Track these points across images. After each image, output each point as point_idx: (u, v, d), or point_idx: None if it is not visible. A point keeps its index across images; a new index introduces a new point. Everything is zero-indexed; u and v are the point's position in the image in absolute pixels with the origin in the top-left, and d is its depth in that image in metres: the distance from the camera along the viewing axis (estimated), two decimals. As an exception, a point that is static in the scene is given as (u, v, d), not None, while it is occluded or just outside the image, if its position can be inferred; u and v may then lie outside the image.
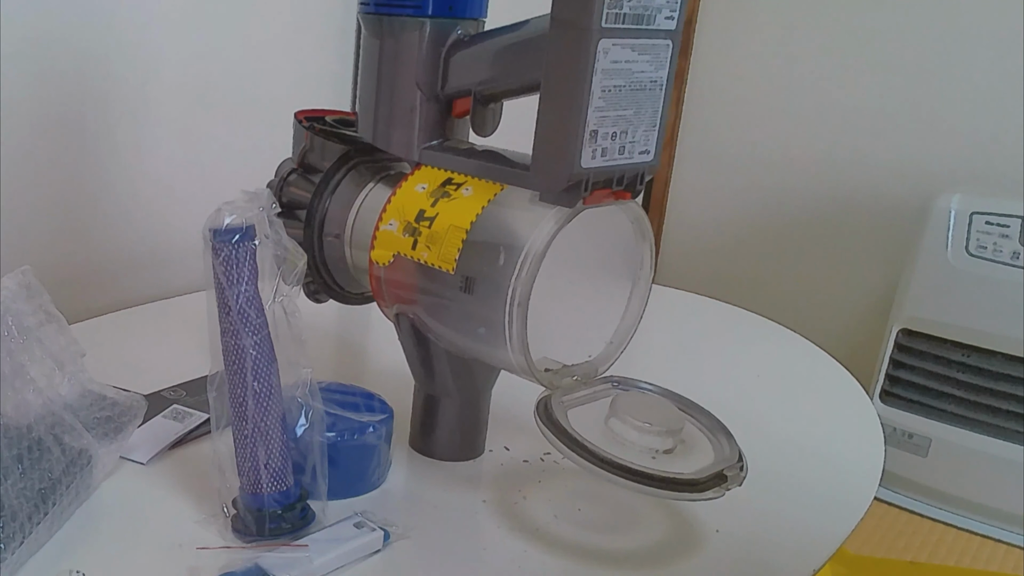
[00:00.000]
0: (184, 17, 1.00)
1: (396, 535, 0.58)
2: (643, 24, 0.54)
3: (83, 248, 0.97)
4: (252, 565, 0.52)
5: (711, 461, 0.58)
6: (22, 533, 0.51)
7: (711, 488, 0.56)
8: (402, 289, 0.63)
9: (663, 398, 0.65)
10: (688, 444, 0.63)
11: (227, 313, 0.55)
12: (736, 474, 0.57)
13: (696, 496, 0.56)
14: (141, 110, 0.98)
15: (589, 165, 0.55)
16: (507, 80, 0.61)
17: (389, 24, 0.63)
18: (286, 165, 0.72)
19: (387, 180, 0.68)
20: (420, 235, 0.61)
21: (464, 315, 0.60)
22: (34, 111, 0.89)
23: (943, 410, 1.57)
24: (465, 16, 0.63)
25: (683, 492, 0.56)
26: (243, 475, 0.57)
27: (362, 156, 0.69)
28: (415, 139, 0.65)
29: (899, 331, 1.58)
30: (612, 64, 0.53)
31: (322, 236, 0.69)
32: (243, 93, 1.08)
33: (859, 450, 0.78)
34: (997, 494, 1.53)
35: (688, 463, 0.59)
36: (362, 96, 0.67)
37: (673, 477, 0.55)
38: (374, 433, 0.62)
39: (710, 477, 0.56)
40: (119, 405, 0.61)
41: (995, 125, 1.68)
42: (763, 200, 1.93)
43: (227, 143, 1.07)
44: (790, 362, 0.99)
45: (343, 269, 0.69)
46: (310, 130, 0.70)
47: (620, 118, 0.56)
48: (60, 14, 0.88)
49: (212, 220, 0.54)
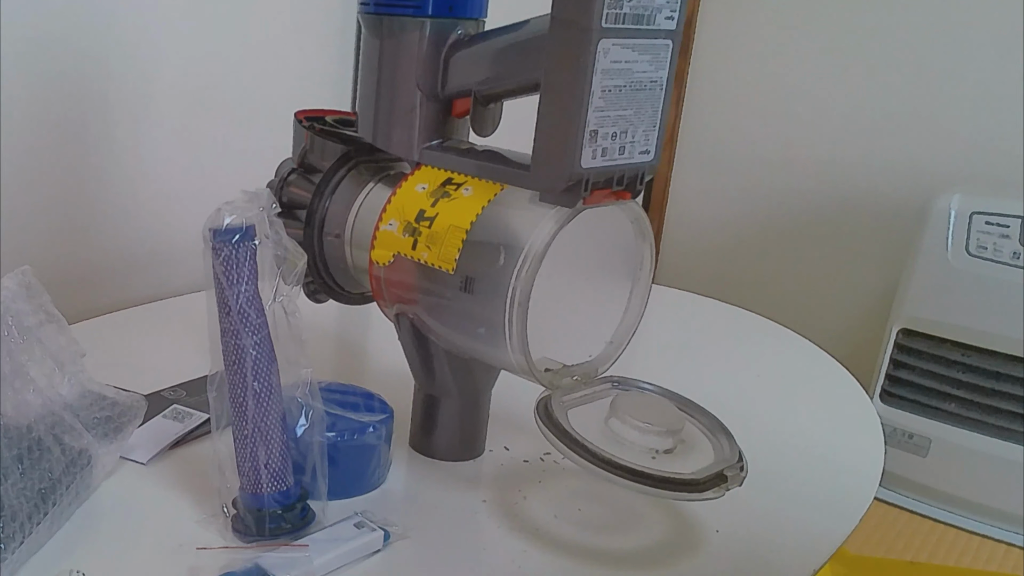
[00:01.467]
0: (184, 17, 1.00)
1: (396, 535, 0.58)
2: (643, 24, 0.54)
3: (83, 248, 0.97)
4: (252, 565, 0.52)
5: (711, 461, 0.58)
6: (22, 533, 0.51)
7: (711, 488, 0.56)
8: (402, 289, 0.63)
9: (663, 398, 0.65)
10: (688, 444, 0.63)
11: (227, 313, 0.55)
12: (736, 474, 0.57)
13: (696, 496, 0.56)
14: (141, 110, 0.98)
15: (589, 165, 0.55)
16: (507, 80, 0.61)
17: (389, 24, 0.63)
18: (286, 165, 0.72)
19: (387, 180, 0.68)
20: (420, 235, 0.61)
21: (464, 315, 0.60)
22: (34, 111, 0.89)
23: (943, 410, 1.57)
24: (465, 16, 0.63)
25: (683, 492, 0.56)
26: (243, 475, 0.57)
27: (362, 156, 0.69)
28: (415, 139, 0.65)
29: (899, 331, 1.58)
30: (612, 64, 0.53)
31: (322, 236, 0.69)
32: (243, 93, 1.08)
33: (859, 450, 0.78)
34: (997, 494, 1.53)
35: (688, 463, 0.59)
36: (362, 96, 0.67)
37: (673, 477, 0.55)
38: (374, 433, 0.62)
39: (710, 477, 0.56)
40: (119, 405, 0.61)
41: (995, 125, 1.68)
42: (763, 200, 1.93)
43: (227, 143, 1.07)
44: (790, 362, 0.99)
45: (343, 269, 0.69)
46: (310, 130, 0.70)
47: (620, 118, 0.56)
48: (60, 14, 0.88)
49: (212, 220, 0.54)
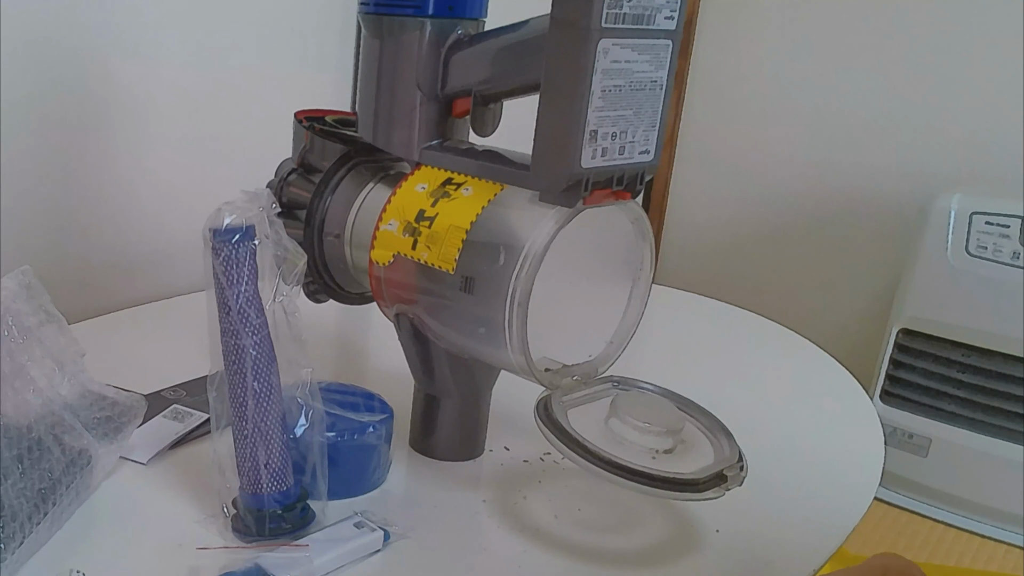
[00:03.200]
0: (184, 17, 1.00)
1: (396, 535, 0.58)
2: (643, 24, 0.54)
3: (83, 248, 0.97)
4: (252, 565, 0.52)
5: (711, 461, 0.58)
6: (22, 533, 0.51)
7: (711, 488, 0.56)
8: (402, 289, 0.63)
9: (663, 398, 0.65)
10: (688, 444, 0.63)
11: (227, 313, 0.55)
12: (736, 474, 0.57)
13: (696, 496, 0.56)
14: (141, 110, 0.98)
15: (589, 165, 0.55)
16: (507, 80, 0.61)
17: (389, 24, 0.63)
18: (286, 165, 0.72)
19: (387, 180, 0.68)
20: (420, 235, 0.61)
21: (464, 315, 0.60)
22: (34, 111, 0.89)
23: (943, 410, 1.57)
24: (465, 16, 0.63)
25: (683, 492, 0.56)
26: (243, 475, 0.57)
27: (362, 156, 0.69)
28: (415, 139, 0.65)
29: (899, 331, 1.58)
30: (612, 64, 0.53)
31: (322, 236, 0.69)
32: (243, 93, 1.08)
33: (859, 450, 0.78)
34: (997, 494, 1.53)
35: (688, 463, 0.59)
36: (362, 96, 0.67)
37: (673, 477, 0.55)
38: (374, 433, 0.62)
39: (710, 477, 0.56)
40: (119, 405, 0.61)
41: (995, 125, 1.68)
42: (763, 200, 1.93)
43: (227, 143, 1.07)
44: (790, 362, 0.99)
45: (343, 269, 0.69)
46: (310, 130, 0.70)
47: (620, 118, 0.55)
48: (60, 14, 0.88)
49: (212, 220, 0.54)
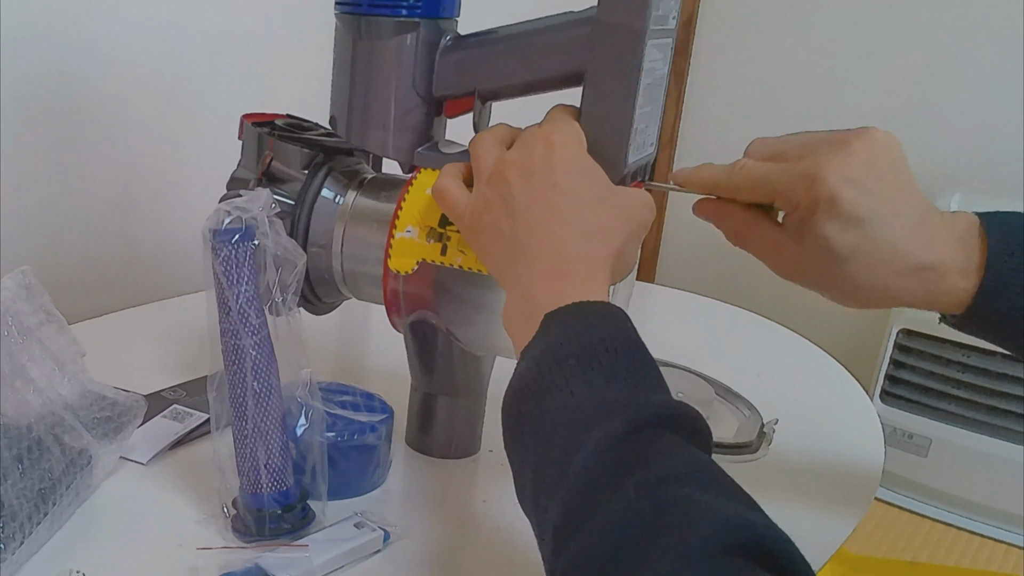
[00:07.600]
0: (184, 18, 1.00)
1: (396, 535, 0.58)
2: (664, 24, 0.55)
3: (83, 248, 0.97)
4: (252, 565, 0.52)
5: (739, 425, 0.61)
6: (22, 533, 0.51)
7: (759, 448, 0.60)
8: (427, 296, 0.62)
9: (687, 373, 0.67)
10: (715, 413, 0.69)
11: (227, 313, 0.55)
12: (772, 431, 0.58)
13: (752, 456, 0.65)
14: (141, 110, 0.98)
15: (630, 163, 0.56)
16: (506, 80, 0.61)
17: (382, 26, 0.62)
18: (242, 175, 0.67)
19: (368, 186, 0.66)
20: (450, 240, 0.59)
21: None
22: (34, 111, 0.89)
23: (943, 410, 1.57)
24: (453, 16, 0.63)
25: (742, 454, 0.66)
26: (243, 475, 0.57)
27: (330, 160, 0.66)
28: (410, 143, 0.64)
29: (899, 331, 1.58)
30: (650, 64, 0.54)
31: (306, 247, 0.66)
32: (243, 93, 1.08)
33: (859, 450, 0.78)
34: (997, 494, 1.53)
35: (723, 430, 0.65)
36: (345, 100, 0.64)
37: (731, 442, 0.59)
38: (374, 433, 0.62)
39: (755, 438, 0.57)
40: (119, 405, 0.61)
41: (995, 125, 1.68)
42: (763, 200, 1.93)
43: (227, 143, 1.07)
44: (790, 362, 0.99)
45: (326, 280, 0.67)
46: (273, 136, 0.66)
47: (645, 114, 0.56)
48: (60, 14, 0.88)
49: (212, 220, 0.54)
